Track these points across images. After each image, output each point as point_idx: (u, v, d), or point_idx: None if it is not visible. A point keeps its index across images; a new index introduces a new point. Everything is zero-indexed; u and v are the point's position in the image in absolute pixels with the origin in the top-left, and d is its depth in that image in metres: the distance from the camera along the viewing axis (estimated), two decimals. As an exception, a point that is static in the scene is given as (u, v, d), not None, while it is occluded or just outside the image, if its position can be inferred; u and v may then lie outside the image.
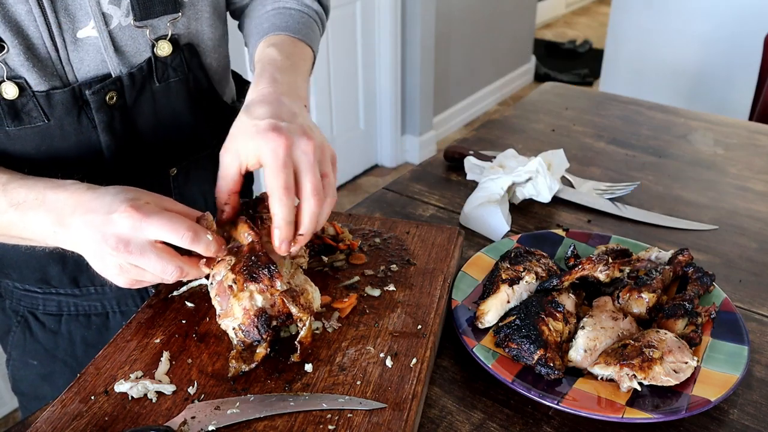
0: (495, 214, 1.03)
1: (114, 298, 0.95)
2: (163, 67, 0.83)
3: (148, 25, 0.80)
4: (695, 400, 0.68)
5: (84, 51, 0.77)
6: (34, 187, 0.69)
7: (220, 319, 0.71)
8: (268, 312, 0.69)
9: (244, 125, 0.71)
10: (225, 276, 0.71)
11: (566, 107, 1.54)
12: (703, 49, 3.01)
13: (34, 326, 0.95)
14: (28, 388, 0.99)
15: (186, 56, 0.85)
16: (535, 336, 0.73)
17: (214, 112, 0.95)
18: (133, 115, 0.83)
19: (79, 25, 0.75)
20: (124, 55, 0.80)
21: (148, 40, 0.81)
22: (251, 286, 0.69)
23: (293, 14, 0.93)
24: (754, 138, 1.38)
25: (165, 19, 0.81)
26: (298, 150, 0.68)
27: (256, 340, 0.69)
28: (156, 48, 0.81)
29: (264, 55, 0.84)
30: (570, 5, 6.76)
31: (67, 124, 0.78)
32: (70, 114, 0.78)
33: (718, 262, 0.98)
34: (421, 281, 0.83)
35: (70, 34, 0.75)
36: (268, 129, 0.68)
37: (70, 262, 0.89)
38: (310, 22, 0.95)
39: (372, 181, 3.61)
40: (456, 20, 3.81)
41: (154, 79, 0.83)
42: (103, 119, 0.80)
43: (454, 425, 0.70)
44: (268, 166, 0.67)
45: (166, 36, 0.82)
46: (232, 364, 0.68)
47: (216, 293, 0.72)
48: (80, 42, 0.76)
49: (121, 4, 0.77)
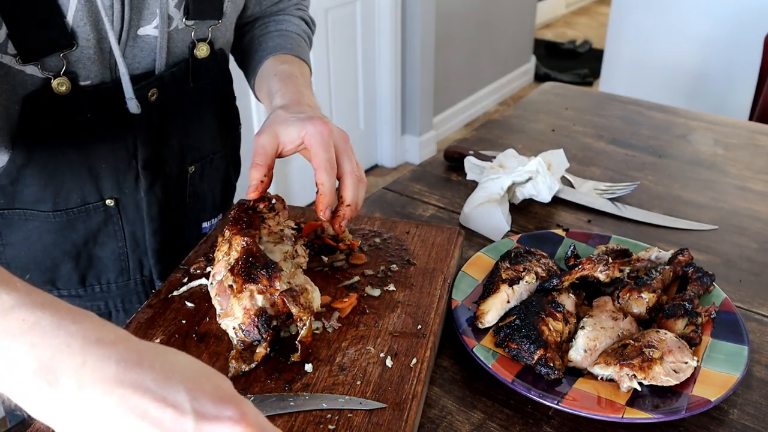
0: (495, 214, 1.03)
1: (119, 296, 0.96)
2: (199, 68, 0.87)
3: (194, 27, 0.84)
4: (695, 400, 0.68)
5: (138, 48, 0.79)
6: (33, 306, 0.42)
7: (220, 318, 0.71)
8: (269, 312, 0.69)
9: (282, 116, 0.79)
10: (225, 276, 0.71)
11: (566, 107, 1.54)
12: (703, 49, 3.01)
13: None
14: None
15: (219, 59, 0.90)
16: (535, 336, 0.73)
17: (229, 114, 1.03)
18: (167, 114, 0.86)
19: (143, 22, 0.78)
20: (171, 55, 0.83)
21: (190, 41, 0.84)
22: (250, 286, 0.69)
23: (294, 38, 1.02)
24: (754, 138, 1.38)
25: (208, 23, 0.85)
26: (338, 137, 0.77)
27: (256, 339, 0.69)
28: (196, 49, 0.85)
29: (281, 69, 0.92)
30: (570, 5, 6.76)
31: (105, 120, 0.80)
32: (113, 108, 0.80)
33: (718, 262, 0.98)
34: (421, 281, 0.83)
35: (134, 30, 0.77)
36: (312, 117, 0.77)
37: (83, 259, 0.90)
38: (304, 44, 1.04)
39: (372, 181, 3.61)
40: (456, 20, 3.81)
41: (190, 79, 0.87)
42: (143, 116, 0.82)
43: (454, 425, 0.70)
44: (315, 144, 0.75)
45: (206, 39, 0.86)
46: (232, 364, 0.68)
47: (216, 293, 0.72)
48: (138, 39, 0.78)
49: (182, 7, 0.80)
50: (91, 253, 0.90)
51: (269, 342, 0.69)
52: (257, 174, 0.77)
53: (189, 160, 0.95)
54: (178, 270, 0.85)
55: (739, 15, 2.86)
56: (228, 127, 1.03)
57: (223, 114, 1.00)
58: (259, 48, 1.00)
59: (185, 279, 0.83)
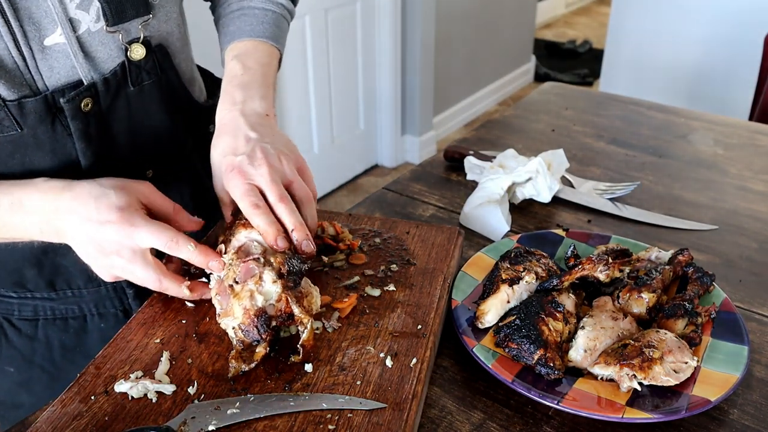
0: (495, 214, 1.03)
1: (91, 301, 0.93)
2: (137, 70, 0.83)
3: (121, 29, 0.79)
4: (695, 400, 0.68)
5: (53, 58, 0.75)
6: (6, 192, 0.72)
7: (220, 318, 0.71)
8: (268, 312, 0.69)
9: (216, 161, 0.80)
10: (225, 275, 0.71)
11: (566, 107, 1.54)
12: (703, 49, 3.02)
13: (10, 332, 0.93)
14: (5, 395, 0.97)
15: (158, 58, 0.85)
16: (535, 336, 0.73)
17: (187, 111, 0.96)
18: (108, 121, 0.82)
19: (46, 32, 0.73)
20: (95, 60, 0.79)
21: (120, 44, 0.80)
22: (249, 284, 0.69)
23: (257, 14, 0.94)
24: (754, 138, 1.38)
25: (136, 21, 0.80)
26: (255, 176, 0.75)
27: (255, 340, 0.69)
28: (129, 52, 0.81)
29: (228, 69, 0.89)
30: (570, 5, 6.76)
31: (41, 132, 0.77)
32: (44, 122, 0.76)
33: (718, 262, 0.98)
34: (421, 281, 0.83)
35: (37, 42, 0.73)
36: (228, 170, 0.77)
37: (46, 266, 0.88)
38: (275, 18, 0.95)
39: (372, 181, 3.62)
40: (456, 20, 3.81)
41: (129, 83, 0.83)
42: (79, 126, 0.78)
43: (454, 425, 0.70)
44: (237, 199, 0.75)
45: (138, 39, 0.81)
46: (232, 364, 0.68)
47: (216, 292, 0.72)
48: (48, 50, 0.74)
49: (90, 9, 0.76)
50: (54, 261, 0.88)
51: (269, 342, 0.69)
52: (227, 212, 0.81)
53: (145, 165, 0.90)
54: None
55: (739, 15, 2.86)
56: (189, 123, 0.96)
57: (181, 111, 0.94)
58: (221, 34, 0.95)
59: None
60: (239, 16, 0.94)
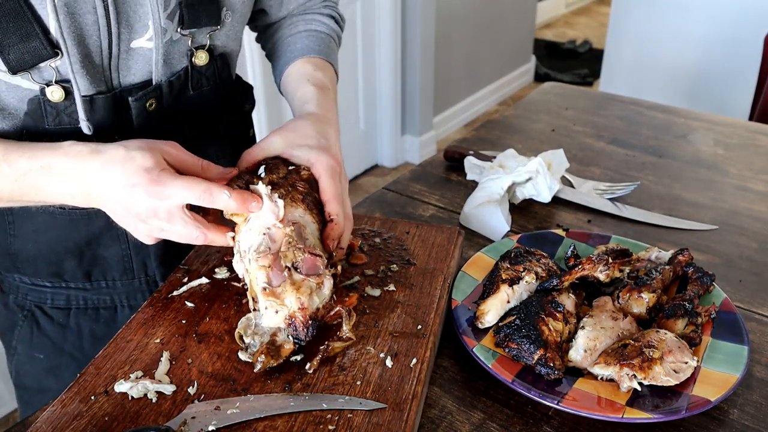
0: (495, 214, 1.03)
1: (124, 292, 0.96)
2: (198, 75, 0.87)
3: (191, 35, 0.83)
4: (695, 400, 0.68)
5: (133, 60, 0.79)
6: (35, 156, 0.71)
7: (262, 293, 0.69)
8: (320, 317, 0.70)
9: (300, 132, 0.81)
10: (284, 254, 0.69)
11: (566, 107, 1.54)
12: (703, 49, 3.01)
13: (42, 320, 0.96)
14: (32, 381, 1.00)
15: (218, 66, 0.90)
16: (535, 336, 0.73)
17: (237, 119, 1.02)
18: (166, 121, 0.86)
19: (135, 35, 0.78)
20: (168, 64, 0.83)
21: (188, 48, 0.84)
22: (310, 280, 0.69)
23: (323, 38, 1.01)
24: (754, 138, 1.38)
25: (206, 30, 0.85)
26: (344, 175, 0.80)
27: (298, 339, 0.69)
28: (194, 57, 0.85)
29: (315, 78, 0.93)
30: (570, 5, 6.76)
31: (105, 126, 0.80)
32: (110, 117, 0.80)
33: (718, 262, 0.98)
34: (421, 281, 0.83)
35: (126, 44, 0.77)
36: (328, 149, 0.80)
37: (87, 257, 0.91)
38: (333, 45, 1.03)
39: (372, 181, 3.61)
40: (456, 20, 3.81)
41: (189, 87, 0.87)
42: (141, 123, 0.82)
43: (454, 425, 0.70)
44: (326, 175, 0.78)
45: (204, 46, 0.86)
46: (260, 358, 0.68)
47: (269, 263, 0.69)
48: (132, 51, 0.79)
49: (175, 18, 0.80)
50: (95, 252, 0.91)
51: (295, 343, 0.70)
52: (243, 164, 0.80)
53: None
54: (178, 270, 0.85)
55: (739, 15, 2.86)
56: (236, 132, 1.03)
57: (230, 119, 1.00)
58: (288, 49, 0.99)
59: (185, 279, 0.83)
60: (307, 36, 1.00)
